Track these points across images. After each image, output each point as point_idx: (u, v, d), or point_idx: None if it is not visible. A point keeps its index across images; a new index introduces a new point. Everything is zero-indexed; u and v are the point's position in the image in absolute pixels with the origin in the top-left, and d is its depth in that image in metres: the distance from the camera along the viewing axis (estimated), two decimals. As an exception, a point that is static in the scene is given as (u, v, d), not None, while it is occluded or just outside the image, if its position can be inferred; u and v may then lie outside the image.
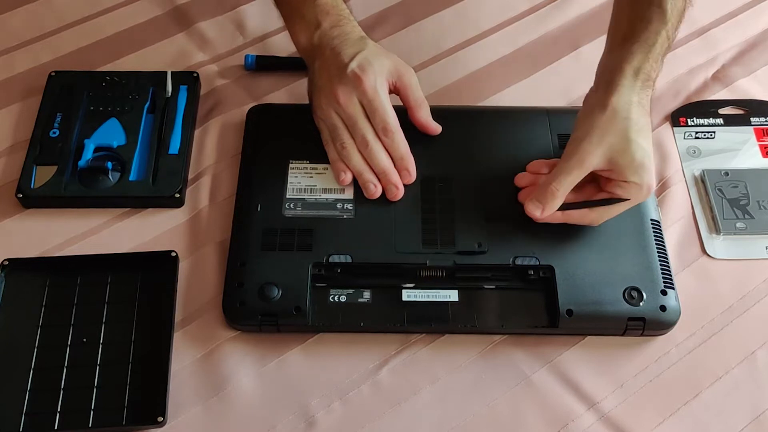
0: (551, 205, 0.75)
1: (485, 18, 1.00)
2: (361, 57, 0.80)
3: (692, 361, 0.75)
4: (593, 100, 0.76)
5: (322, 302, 0.76)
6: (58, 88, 0.90)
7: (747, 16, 1.00)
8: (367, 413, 0.72)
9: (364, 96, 0.79)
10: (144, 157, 0.85)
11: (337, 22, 0.83)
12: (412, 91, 0.82)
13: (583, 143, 0.74)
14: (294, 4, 0.84)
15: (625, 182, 0.74)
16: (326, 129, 0.82)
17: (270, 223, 0.79)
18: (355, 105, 0.79)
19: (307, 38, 0.83)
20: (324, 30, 0.82)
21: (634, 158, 0.73)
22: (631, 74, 0.75)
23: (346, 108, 0.79)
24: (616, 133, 0.74)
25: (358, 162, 0.80)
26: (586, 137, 0.74)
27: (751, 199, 0.84)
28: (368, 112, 0.80)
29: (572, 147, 0.75)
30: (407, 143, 0.81)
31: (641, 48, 0.76)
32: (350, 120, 0.80)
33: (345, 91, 0.79)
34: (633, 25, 0.77)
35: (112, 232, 0.82)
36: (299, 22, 0.84)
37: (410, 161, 0.81)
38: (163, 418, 0.70)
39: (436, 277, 0.77)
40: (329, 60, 0.81)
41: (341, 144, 0.80)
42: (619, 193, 0.75)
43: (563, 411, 0.72)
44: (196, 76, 0.92)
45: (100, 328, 0.75)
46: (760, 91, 0.94)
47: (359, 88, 0.78)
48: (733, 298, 0.79)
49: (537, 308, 0.76)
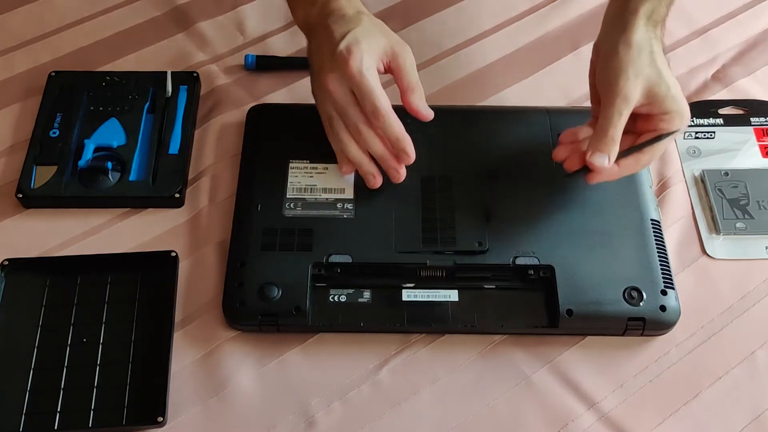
0: (614, 150, 0.75)
1: (486, 18, 1.00)
2: (350, 36, 0.76)
3: (692, 361, 0.75)
4: (611, 42, 0.76)
5: (322, 302, 0.76)
6: (58, 88, 0.90)
7: (747, 16, 1.00)
8: (367, 413, 0.72)
9: (352, 80, 0.75)
10: (144, 157, 0.85)
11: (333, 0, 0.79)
12: (405, 73, 0.78)
13: (620, 80, 0.74)
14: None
15: (665, 114, 0.75)
16: (326, 120, 0.79)
17: (270, 223, 0.79)
18: (344, 92, 0.76)
19: (305, 15, 0.81)
20: (320, 5, 0.79)
21: (669, 87, 0.74)
22: (644, 15, 0.76)
23: (335, 96, 0.76)
24: (648, 65, 0.74)
25: (356, 153, 0.78)
26: (621, 74, 0.74)
27: (751, 199, 0.84)
28: (357, 97, 0.76)
29: (609, 89, 0.75)
30: (401, 123, 0.76)
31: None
32: (341, 109, 0.77)
33: (334, 78, 0.75)
34: None
35: (112, 232, 0.82)
36: (298, 3, 0.82)
37: (406, 142, 0.77)
38: (163, 418, 0.70)
39: (436, 277, 0.77)
40: (322, 41, 0.78)
41: (337, 136, 0.78)
42: (663, 127, 0.75)
43: (563, 411, 0.72)
44: (196, 76, 0.92)
45: (100, 328, 0.75)
46: (760, 91, 0.94)
47: (346, 73, 0.74)
48: (733, 298, 0.79)
49: (537, 308, 0.76)
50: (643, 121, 0.76)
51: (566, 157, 0.78)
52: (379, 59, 0.77)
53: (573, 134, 0.79)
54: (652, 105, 0.75)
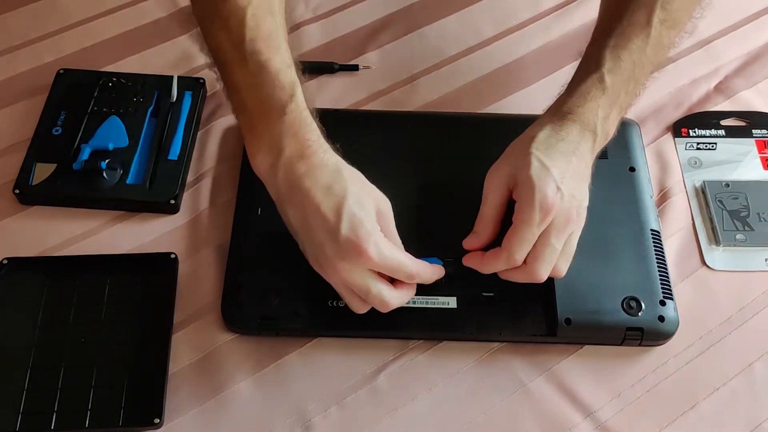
0: (480, 229, 0.74)
1: (488, 26, 1.01)
2: (348, 215, 0.67)
3: (690, 372, 0.75)
4: None
5: (320, 306, 0.76)
6: (65, 86, 0.90)
7: (750, 29, 1.01)
8: (363, 419, 0.72)
9: (375, 266, 0.69)
10: (143, 160, 0.85)
11: (303, 150, 0.70)
12: (390, 233, 0.72)
13: (490, 169, 0.74)
14: (257, 115, 0.71)
15: (518, 200, 0.71)
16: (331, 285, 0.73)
17: (270, 227, 0.79)
18: (363, 276, 0.69)
19: (268, 164, 0.71)
20: (288, 160, 0.70)
21: (528, 169, 0.70)
22: (549, 111, 0.75)
23: (354, 283, 0.69)
24: (520, 150, 0.72)
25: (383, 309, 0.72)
26: (494, 164, 0.75)
27: (751, 211, 0.84)
28: (387, 273, 0.70)
29: None
30: (427, 266, 0.74)
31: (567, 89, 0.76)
32: (360, 290, 0.70)
33: (348, 267, 0.68)
34: (577, 68, 0.77)
35: (112, 233, 0.82)
36: (259, 140, 0.71)
37: (435, 272, 0.74)
38: (160, 419, 0.70)
39: (435, 283, 0.77)
40: (309, 214, 0.69)
41: (357, 311, 0.73)
42: (514, 216, 0.71)
43: (560, 420, 0.72)
44: (203, 82, 0.92)
45: (98, 328, 0.75)
46: (762, 103, 0.94)
47: (364, 260, 0.68)
48: (732, 310, 0.79)
49: (535, 316, 0.76)
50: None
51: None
52: (377, 221, 0.71)
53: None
54: (516, 189, 0.72)
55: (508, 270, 0.73)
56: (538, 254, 0.71)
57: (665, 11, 0.75)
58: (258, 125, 0.71)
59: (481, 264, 0.74)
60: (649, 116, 0.92)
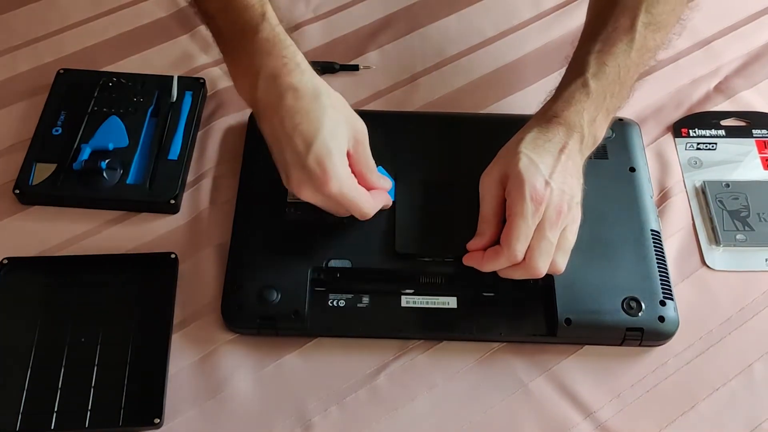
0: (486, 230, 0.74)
1: (490, 25, 1.01)
2: (318, 146, 0.69)
3: (690, 372, 0.75)
4: None
5: (320, 306, 0.76)
6: (65, 86, 0.90)
7: (750, 29, 1.00)
8: (363, 418, 0.72)
9: (331, 197, 0.71)
10: (143, 160, 0.85)
11: (280, 68, 0.71)
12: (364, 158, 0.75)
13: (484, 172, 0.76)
14: (232, 38, 0.73)
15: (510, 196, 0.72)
16: None
17: (270, 227, 0.79)
18: (320, 200, 0.73)
19: (248, 86, 0.72)
20: (266, 78, 0.71)
21: (517, 165, 0.72)
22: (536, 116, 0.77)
23: (313, 201, 0.73)
24: (509, 151, 0.74)
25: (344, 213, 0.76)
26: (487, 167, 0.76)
27: (751, 211, 0.84)
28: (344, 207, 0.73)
29: None
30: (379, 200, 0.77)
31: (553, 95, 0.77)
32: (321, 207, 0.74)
33: (307, 188, 0.71)
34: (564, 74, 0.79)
35: (112, 233, 0.82)
36: (237, 63, 0.73)
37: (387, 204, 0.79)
38: (160, 419, 0.70)
39: (436, 283, 0.77)
40: (282, 138, 0.71)
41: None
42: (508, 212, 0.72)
43: (560, 420, 0.72)
44: (203, 82, 0.91)
45: (98, 328, 0.75)
46: (763, 103, 0.94)
47: (324, 191, 0.70)
48: (732, 310, 0.79)
49: (535, 316, 0.76)
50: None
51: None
52: (346, 154, 0.73)
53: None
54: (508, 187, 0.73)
55: (508, 267, 0.73)
56: (534, 248, 0.71)
57: (649, 15, 0.76)
58: (234, 48, 0.73)
59: (481, 262, 0.74)
60: (649, 116, 0.92)
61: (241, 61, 0.73)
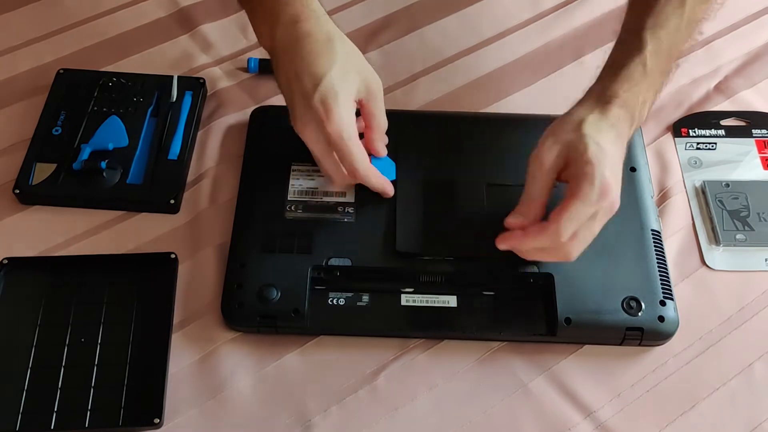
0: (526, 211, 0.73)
1: (489, 25, 1.01)
2: (325, 85, 0.71)
3: (690, 372, 0.75)
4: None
5: (320, 305, 0.76)
6: (65, 86, 0.90)
7: (750, 28, 1.01)
8: (363, 418, 0.72)
9: (329, 139, 0.72)
10: (143, 160, 0.85)
11: (298, 16, 0.74)
12: (376, 116, 0.77)
13: (537, 147, 0.73)
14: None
15: (575, 178, 0.70)
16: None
17: (270, 225, 0.79)
18: (321, 144, 0.74)
19: (268, 35, 0.75)
20: (284, 25, 0.74)
21: (586, 150, 0.70)
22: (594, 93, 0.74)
23: (312, 144, 0.74)
24: (572, 131, 0.71)
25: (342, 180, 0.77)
26: (541, 142, 0.73)
27: (751, 211, 0.84)
28: (337, 154, 0.74)
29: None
30: (378, 174, 0.77)
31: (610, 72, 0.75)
32: (317, 155, 0.75)
33: (310, 128, 0.73)
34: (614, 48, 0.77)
35: (112, 233, 0.82)
36: (258, 14, 0.77)
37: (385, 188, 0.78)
38: (160, 419, 0.70)
39: (436, 282, 0.77)
40: (291, 78, 0.73)
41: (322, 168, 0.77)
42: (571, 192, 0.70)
43: (560, 419, 0.72)
44: (203, 82, 0.91)
45: (98, 328, 0.75)
46: (762, 103, 0.94)
47: (324, 130, 0.72)
48: (732, 310, 0.79)
49: (535, 316, 0.76)
50: None
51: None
52: (354, 104, 0.75)
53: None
54: (569, 169, 0.71)
55: (541, 249, 0.72)
56: (579, 234, 0.70)
57: None
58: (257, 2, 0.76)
59: (522, 240, 0.72)
60: (649, 116, 0.91)
61: (263, 14, 0.76)
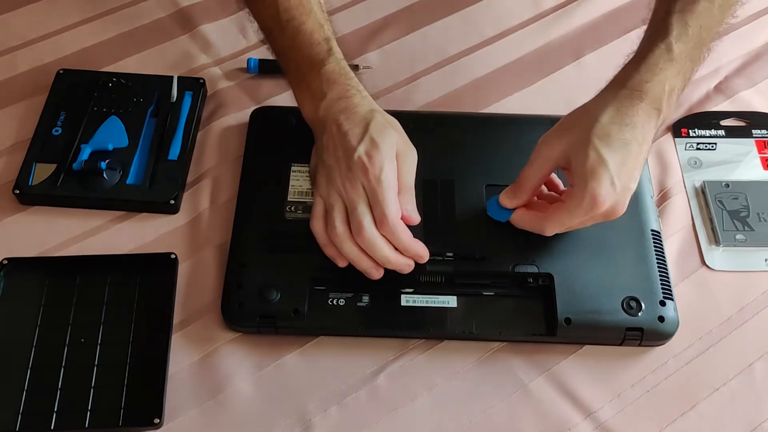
0: (517, 193, 0.76)
1: (490, 25, 1.01)
2: (368, 141, 0.74)
3: (690, 372, 0.75)
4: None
5: (320, 305, 0.76)
6: (65, 86, 0.90)
7: (750, 29, 1.01)
8: (363, 418, 0.72)
9: (368, 185, 0.73)
10: (143, 161, 0.85)
11: (344, 93, 0.78)
12: (401, 174, 0.76)
13: (546, 135, 0.74)
14: (301, 71, 0.80)
15: (571, 186, 0.72)
16: (320, 204, 0.77)
17: (270, 226, 0.79)
18: (358, 192, 0.74)
19: (313, 109, 0.79)
20: (329, 101, 0.77)
21: (585, 161, 0.70)
22: (615, 83, 0.74)
23: (349, 193, 0.74)
24: (579, 131, 0.71)
25: (351, 250, 0.74)
26: (551, 131, 0.74)
27: (751, 211, 0.84)
28: (370, 201, 0.74)
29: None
30: (409, 231, 0.74)
31: (634, 60, 0.74)
32: (351, 204, 0.74)
33: (351, 178, 0.74)
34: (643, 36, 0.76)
35: (112, 233, 0.82)
36: (305, 91, 0.80)
37: (417, 248, 0.75)
38: (160, 419, 0.70)
39: (436, 282, 0.77)
40: (336, 139, 0.76)
41: (333, 229, 0.74)
42: (563, 196, 0.72)
43: (560, 420, 0.72)
44: (203, 82, 0.91)
45: (98, 328, 0.75)
46: (762, 103, 0.94)
47: (365, 177, 0.73)
48: (732, 310, 0.79)
49: (535, 316, 0.76)
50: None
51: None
52: (395, 159, 0.75)
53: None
54: (569, 167, 0.72)
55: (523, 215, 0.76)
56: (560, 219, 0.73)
57: None
58: (303, 80, 0.80)
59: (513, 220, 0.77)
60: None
61: (308, 90, 0.79)
